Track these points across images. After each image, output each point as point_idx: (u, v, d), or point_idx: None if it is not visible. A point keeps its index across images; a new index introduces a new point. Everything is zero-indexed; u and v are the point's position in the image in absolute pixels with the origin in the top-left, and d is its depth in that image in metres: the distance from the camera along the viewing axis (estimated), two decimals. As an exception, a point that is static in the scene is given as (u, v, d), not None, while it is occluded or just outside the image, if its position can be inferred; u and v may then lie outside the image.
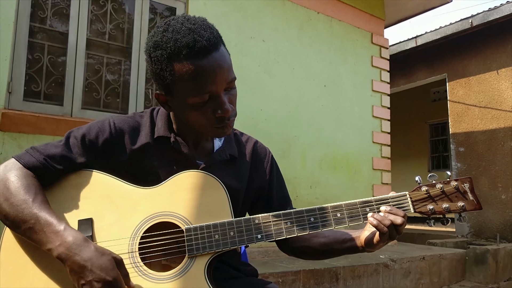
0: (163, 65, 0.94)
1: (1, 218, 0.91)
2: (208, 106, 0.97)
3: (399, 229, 0.98)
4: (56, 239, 0.86)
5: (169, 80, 0.95)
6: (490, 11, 5.87)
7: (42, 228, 0.87)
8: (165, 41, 0.93)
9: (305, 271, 2.82)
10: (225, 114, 0.97)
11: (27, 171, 0.95)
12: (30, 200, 0.89)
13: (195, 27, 0.93)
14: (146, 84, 3.02)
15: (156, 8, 3.16)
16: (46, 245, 0.86)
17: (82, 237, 0.88)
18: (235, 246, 0.98)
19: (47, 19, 2.67)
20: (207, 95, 0.95)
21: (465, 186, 1.03)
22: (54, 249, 0.85)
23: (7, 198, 0.90)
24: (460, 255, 4.20)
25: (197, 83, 0.93)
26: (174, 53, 0.92)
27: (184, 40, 0.91)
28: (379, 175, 4.31)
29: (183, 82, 0.94)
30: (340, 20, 4.17)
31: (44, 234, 0.86)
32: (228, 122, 1.00)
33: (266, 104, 3.53)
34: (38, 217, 0.87)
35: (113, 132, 1.04)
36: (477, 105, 6.28)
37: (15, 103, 2.45)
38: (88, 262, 0.84)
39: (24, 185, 0.91)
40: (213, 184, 1.01)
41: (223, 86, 0.96)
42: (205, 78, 0.93)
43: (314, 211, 1.02)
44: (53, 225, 0.87)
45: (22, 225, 0.88)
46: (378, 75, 4.46)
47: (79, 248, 0.85)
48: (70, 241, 0.85)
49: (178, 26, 0.94)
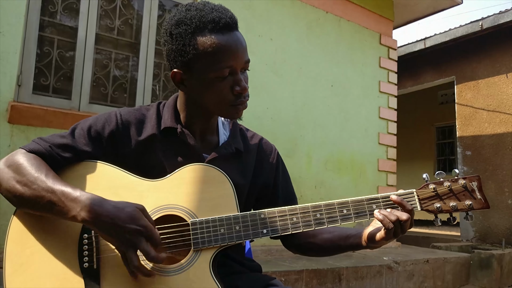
0: (186, 40, 0.97)
1: (16, 201, 0.92)
2: (227, 82, 0.99)
3: (405, 225, 0.97)
4: (76, 205, 0.87)
5: (191, 55, 0.97)
6: (500, 14, 5.82)
7: (60, 198, 0.88)
8: (190, 18, 0.97)
9: (308, 270, 2.81)
10: (243, 90, 1.00)
11: (34, 154, 0.96)
12: (43, 176, 0.90)
13: (217, 8, 1.00)
14: (153, 80, 3.03)
15: (164, 5, 3.17)
16: (69, 214, 0.87)
17: (99, 198, 0.89)
18: (241, 240, 0.98)
19: (57, 14, 2.69)
20: (227, 70, 0.98)
21: (473, 185, 1.02)
22: (77, 215, 0.86)
23: (19, 180, 0.91)
24: (464, 259, 4.17)
25: (219, 57, 0.96)
26: (199, 28, 0.96)
27: (210, 16, 0.96)
28: (384, 177, 4.29)
29: (205, 56, 0.96)
30: (348, 20, 4.15)
31: (63, 203, 0.87)
32: (243, 100, 1.03)
33: (272, 103, 3.53)
34: (54, 190, 0.89)
35: (120, 123, 1.05)
36: (485, 108, 6.23)
37: (24, 96, 2.47)
38: (114, 218, 0.85)
39: (34, 165, 0.93)
40: (219, 177, 1.01)
41: (241, 65, 1.00)
42: (227, 53, 0.96)
43: (320, 207, 1.02)
44: (69, 194, 0.88)
45: (40, 200, 0.89)
46: (385, 76, 4.44)
47: (100, 206, 0.86)
48: (89, 203, 0.86)
49: (201, 6, 1.00)
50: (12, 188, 0.90)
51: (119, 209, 0.87)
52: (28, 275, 0.90)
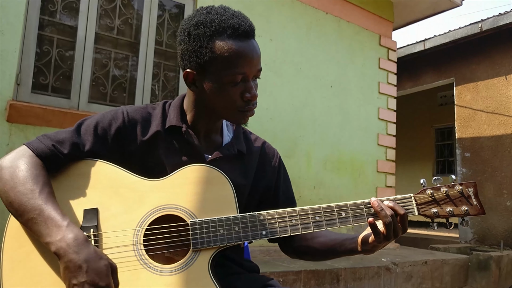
0: (204, 42, 0.98)
1: (6, 204, 0.92)
2: (238, 88, 1.01)
3: (400, 224, 0.98)
4: (58, 233, 0.85)
5: (207, 57, 0.99)
6: (500, 16, 5.83)
7: (45, 220, 0.86)
8: (210, 21, 0.99)
9: (306, 271, 2.81)
10: (253, 98, 1.02)
11: (37, 159, 0.95)
12: (37, 191, 0.89)
13: (237, 14, 1.02)
14: (152, 80, 3.03)
15: (164, 5, 3.17)
16: (46, 238, 0.85)
17: (84, 236, 0.86)
18: (240, 241, 0.98)
19: (57, 13, 2.69)
20: (240, 76, 1.00)
21: (469, 191, 1.04)
22: (53, 243, 0.84)
23: (14, 186, 0.90)
24: (463, 261, 4.18)
25: (234, 63, 0.98)
26: (218, 32, 0.98)
27: (230, 22, 0.98)
28: (383, 178, 4.30)
29: (221, 60, 0.98)
30: (348, 21, 4.16)
31: (46, 226, 0.86)
32: (252, 107, 1.05)
33: (272, 103, 3.53)
34: (42, 209, 0.87)
35: (126, 121, 1.05)
36: (484, 110, 6.24)
37: (23, 95, 2.47)
38: (85, 263, 0.82)
39: (33, 175, 0.92)
40: (219, 179, 1.01)
41: (254, 73, 1.03)
42: (242, 59, 0.99)
43: (319, 210, 1.02)
44: (56, 220, 0.86)
45: (25, 214, 0.88)
46: (385, 77, 4.45)
47: (78, 247, 0.83)
48: (71, 238, 0.84)
49: (221, 11, 1.02)
50: (6, 192, 0.90)
51: (95, 257, 0.84)
52: (25, 272, 0.90)
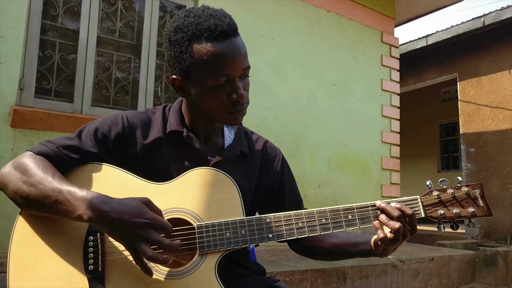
0: (183, 47, 0.97)
1: (22, 202, 0.91)
2: (224, 90, 0.99)
3: (408, 225, 0.98)
4: (82, 204, 0.86)
5: (188, 62, 0.97)
6: (502, 10, 5.80)
7: (66, 197, 0.87)
8: (187, 25, 0.97)
9: (313, 270, 2.81)
10: (240, 98, 0.99)
11: (41, 156, 0.96)
12: (50, 177, 0.90)
13: (215, 14, 0.98)
14: (155, 82, 3.03)
15: (166, 6, 3.16)
16: (75, 213, 0.86)
17: (104, 196, 0.88)
18: (246, 244, 0.98)
19: (58, 17, 2.69)
20: (224, 78, 0.97)
21: (476, 192, 1.03)
22: (83, 214, 0.86)
23: (26, 181, 0.91)
24: (469, 257, 4.16)
25: (215, 65, 0.96)
26: (195, 35, 0.96)
27: (206, 24, 0.95)
28: (388, 175, 4.28)
29: (202, 64, 0.96)
30: (350, 19, 4.14)
31: (69, 203, 0.87)
32: (242, 108, 1.02)
33: (275, 103, 3.52)
34: (61, 190, 0.88)
35: (126, 126, 1.06)
36: (488, 105, 6.21)
37: (27, 99, 2.48)
38: (120, 214, 0.84)
39: (41, 166, 0.93)
40: (225, 181, 1.01)
41: (239, 72, 0.99)
42: (223, 61, 0.96)
43: (325, 212, 1.02)
44: (75, 193, 0.87)
45: (46, 200, 0.88)
46: (388, 74, 4.43)
47: (106, 204, 0.85)
48: (96, 202, 0.86)
49: (200, 12, 0.99)
50: (19, 189, 0.90)
51: (124, 205, 0.86)
52: (32, 277, 0.91)
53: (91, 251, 0.93)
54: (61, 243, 0.94)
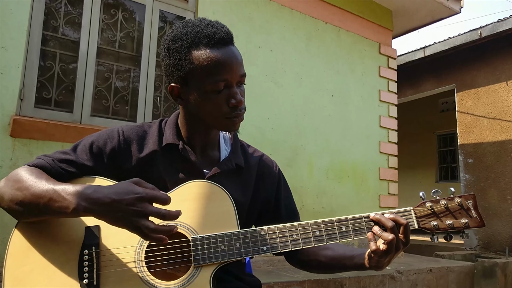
0: (182, 54, 1.00)
1: (16, 210, 0.92)
2: (222, 95, 1.02)
3: (402, 235, 0.98)
4: (75, 197, 0.87)
5: (187, 69, 1.00)
6: (499, 22, 5.86)
7: (59, 194, 0.88)
8: (186, 33, 1.01)
9: (310, 281, 2.80)
10: (238, 103, 1.02)
11: (37, 168, 0.98)
12: (44, 180, 0.92)
13: (213, 23, 1.04)
14: (155, 92, 3.05)
15: (166, 17, 3.20)
16: (70, 207, 0.87)
17: (96, 185, 0.90)
18: (241, 257, 0.98)
19: (59, 28, 2.72)
20: (223, 83, 1.00)
21: (469, 203, 1.04)
22: (77, 206, 0.86)
23: (20, 187, 0.92)
24: (468, 268, 4.14)
25: (214, 71, 0.99)
26: (194, 43, 0.99)
27: (205, 31, 1.00)
28: (386, 186, 4.29)
29: (201, 69, 0.99)
30: (347, 30, 4.18)
31: (63, 198, 0.87)
32: (239, 113, 1.04)
33: (273, 113, 3.54)
34: (54, 188, 0.89)
35: (121, 140, 1.07)
36: (486, 116, 6.24)
37: (27, 109, 2.49)
38: (113, 197, 0.84)
39: (35, 174, 0.94)
40: (220, 194, 1.02)
41: (237, 78, 1.03)
42: (221, 67, 0.99)
43: (319, 224, 1.03)
44: (68, 189, 0.89)
45: (40, 200, 0.89)
46: (385, 85, 4.46)
47: (97, 193, 0.86)
48: (87, 192, 0.87)
49: (197, 22, 1.04)
50: (13, 196, 0.91)
51: (114, 188, 0.87)
52: None
53: (86, 265, 0.93)
54: (57, 256, 0.94)
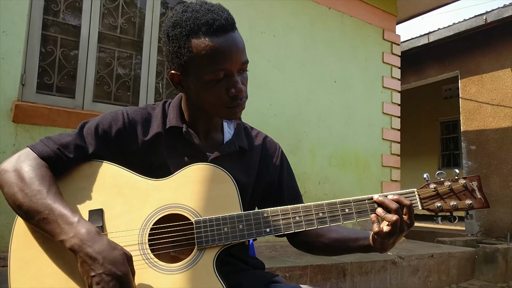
0: (181, 42, 0.97)
1: (14, 208, 0.93)
2: (222, 84, 0.99)
3: (406, 216, 0.98)
4: (70, 230, 0.86)
5: (186, 57, 0.98)
6: (505, 8, 5.77)
7: (55, 219, 0.87)
8: (185, 20, 0.97)
9: (313, 266, 2.83)
10: (238, 93, 1.00)
11: (41, 161, 0.96)
12: (45, 191, 0.90)
13: (213, 9, 0.99)
14: (156, 78, 3.04)
15: (167, 2, 3.17)
16: (60, 236, 0.86)
17: (95, 229, 0.88)
18: (244, 239, 0.98)
19: (60, 13, 2.70)
20: (222, 72, 0.98)
21: (473, 184, 1.03)
22: (67, 240, 0.86)
23: (22, 189, 0.91)
24: (469, 254, 4.17)
25: (213, 60, 0.96)
26: (193, 30, 0.96)
27: (204, 18, 0.96)
28: (388, 172, 4.29)
29: (200, 58, 0.96)
30: (351, 16, 4.14)
31: (58, 225, 0.87)
32: (240, 102, 1.02)
33: (275, 99, 3.53)
34: (52, 208, 0.88)
35: (126, 122, 1.06)
36: (489, 103, 6.20)
37: (28, 95, 2.49)
38: (100, 254, 0.84)
39: (38, 176, 0.92)
40: (222, 177, 1.02)
41: (238, 66, 1.00)
42: (221, 55, 0.96)
43: (322, 206, 1.02)
44: (66, 217, 0.87)
45: (36, 215, 0.89)
46: (389, 71, 4.42)
47: (92, 240, 0.85)
48: (84, 233, 0.86)
49: (197, 7, 0.99)
50: (13, 195, 0.91)
51: (108, 248, 0.85)
52: (32, 273, 0.91)
53: None
54: None
